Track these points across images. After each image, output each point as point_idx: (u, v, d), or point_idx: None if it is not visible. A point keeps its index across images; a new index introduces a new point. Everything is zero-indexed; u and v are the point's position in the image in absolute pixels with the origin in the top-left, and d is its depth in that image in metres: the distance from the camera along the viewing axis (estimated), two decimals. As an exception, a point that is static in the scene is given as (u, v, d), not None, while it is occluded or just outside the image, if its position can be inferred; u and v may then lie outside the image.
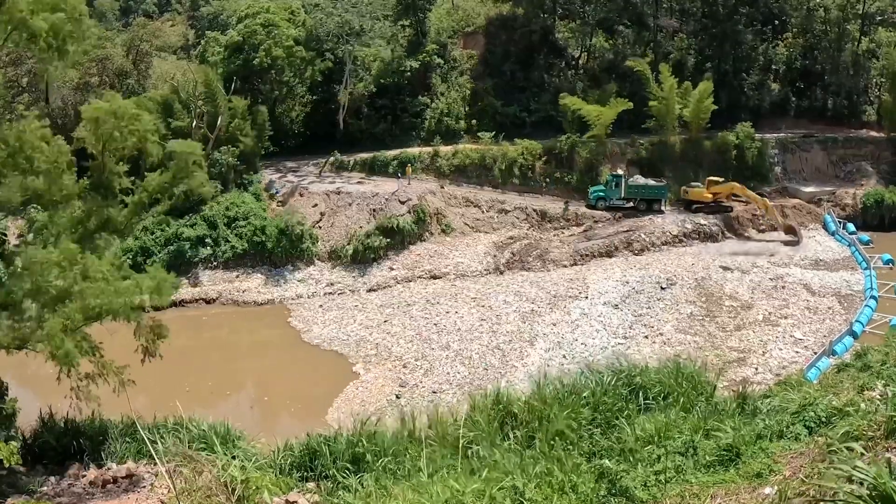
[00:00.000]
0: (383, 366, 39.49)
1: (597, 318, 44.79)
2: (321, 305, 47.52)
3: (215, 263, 51.10)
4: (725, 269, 52.30)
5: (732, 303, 46.96)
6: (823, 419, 12.98)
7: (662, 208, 60.39)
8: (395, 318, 45.08)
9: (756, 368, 38.32)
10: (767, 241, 58.15)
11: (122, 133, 20.69)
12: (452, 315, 45.21)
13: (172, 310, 37.13)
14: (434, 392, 36.30)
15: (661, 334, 42.91)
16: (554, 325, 43.86)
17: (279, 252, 51.83)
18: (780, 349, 40.60)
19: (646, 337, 42.49)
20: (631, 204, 60.06)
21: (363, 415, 33.50)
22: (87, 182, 21.51)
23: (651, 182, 60.62)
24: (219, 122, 57.03)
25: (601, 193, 60.44)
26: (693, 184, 61.14)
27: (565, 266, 53.14)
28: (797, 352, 40.20)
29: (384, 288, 49.99)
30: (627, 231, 57.28)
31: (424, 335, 42.79)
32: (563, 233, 58.63)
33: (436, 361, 39.64)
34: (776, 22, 75.36)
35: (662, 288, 48.91)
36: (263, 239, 51.68)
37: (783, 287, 48.93)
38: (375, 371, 38.99)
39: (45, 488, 17.32)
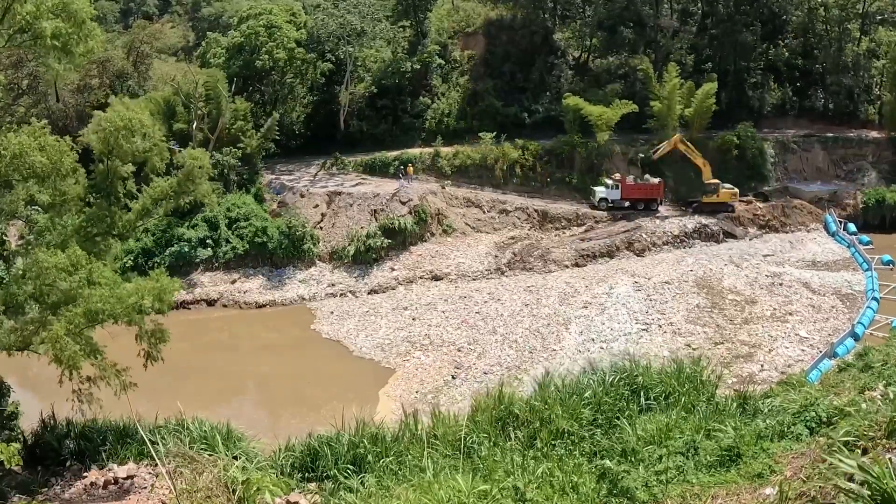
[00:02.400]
0: (439, 350, 41.55)
1: (622, 302, 47.08)
2: (332, 312, 47.12)
3: (216, 265, 51.08)
4: (731, 263, 52.74)
5: (735, 297, 47.22)
6: (824, 419, 12.99)
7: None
8: (425, 315, 45.99)
9: (762, 365, 38.45)
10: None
11: (131, 144, 20.69)
12: (493, 303, 47.25)
13: (174, 312, 37.06)
14: (485, 373, 38.55)
15: (672, 324, 43.73)
16: (585, 307, 46.48)
17: (280, 253, 51.83)
18: (787, 347, 40.75)
19: (659, 326, 43.60)
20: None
21: (421, 392, 36.46)
22: (88, 184, 21.50)
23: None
24: (220, 123, 57.07)
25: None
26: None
27: (567, 266, 53.20)
28: (803, 350, 40.27)
29: (387, 290, 49.99)
30: (628, 231, 57.34)
31: (470, 322, 44.70)
32: (564, 233, 58.65)
33: (487, 345, 41.76)
34: (777, 22, 75.30)
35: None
36: (265, 240, 51.67)
37: (780, 284, 49.03)
38: (433, 355, 41.00)
39: (47, 489, 17.35)
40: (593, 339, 42.31)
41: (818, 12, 74.53)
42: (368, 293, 49.63)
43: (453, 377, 38.42)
